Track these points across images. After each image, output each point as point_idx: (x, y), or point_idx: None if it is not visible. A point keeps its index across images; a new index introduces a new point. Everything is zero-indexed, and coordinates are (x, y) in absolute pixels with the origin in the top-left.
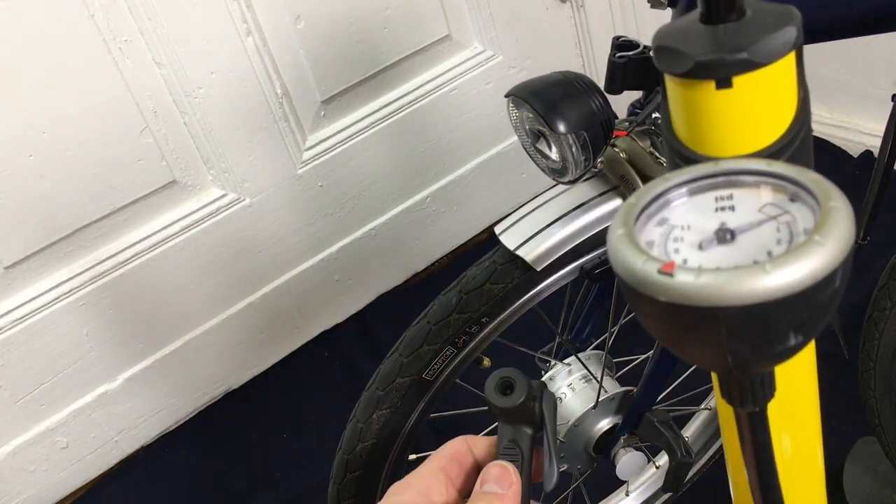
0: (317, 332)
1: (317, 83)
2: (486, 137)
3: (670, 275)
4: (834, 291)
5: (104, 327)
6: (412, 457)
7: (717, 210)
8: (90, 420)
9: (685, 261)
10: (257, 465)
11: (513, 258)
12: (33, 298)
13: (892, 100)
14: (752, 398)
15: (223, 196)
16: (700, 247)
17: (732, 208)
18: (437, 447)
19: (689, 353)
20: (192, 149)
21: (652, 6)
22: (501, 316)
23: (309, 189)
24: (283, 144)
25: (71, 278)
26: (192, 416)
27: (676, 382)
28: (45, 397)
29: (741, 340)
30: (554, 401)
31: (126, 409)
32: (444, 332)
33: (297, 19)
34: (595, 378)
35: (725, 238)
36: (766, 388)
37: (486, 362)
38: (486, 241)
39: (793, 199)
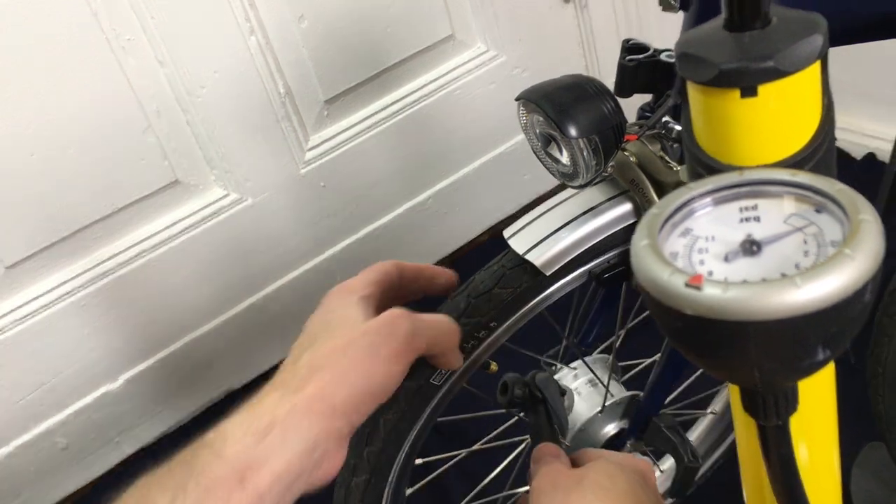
0: None
1: (320, 83)
2: (489, 138)
3: (698, 288)
4: (864, 305)
5: (105, 328)
6: (419, 461)
7: (741, 221)
8: (91, 421)
9: (710, 273)
10: None
11: (521, 263)
12: (34, 299)
13: None
14: (775, 412)
15: (225, 196)
16: (726, 258)
17: (757, 219)
18: (443, 451)
19: (715, 366)
20: (195, 148)
21: (664, 9)
22: (510, 321)
23: (311, 189)
24: (285, 144)
25: (72, 278)
26: (193, 416)
27: (682, 388)
28: (45, 398)
29: (770, 355)
30: (548, 378)
31: (127, 410)
32: None
33: (300, 18)
34: (601, 382)
35: (751, 250)
36: (790, 403)
37: (494, 367)
38: (489, 242)
39: (819, 210)
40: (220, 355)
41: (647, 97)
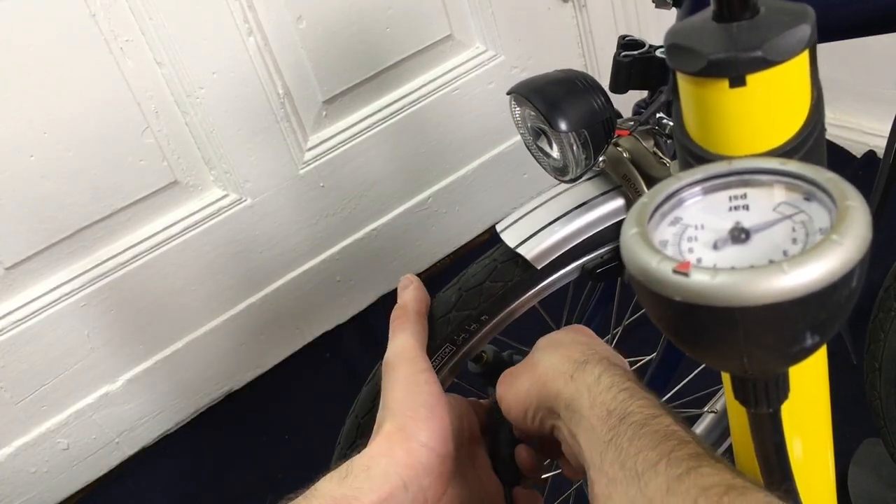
0: (318, 332)
1: (318, 83)
2: (487, 137)
3: (686, 274)
4: (851, 291)
5: (105, 328)
6: None
7: (730, 209)
8: (91, 421)
9: (699, 260)
10: (259, 467)
11: (513, 256)
12: (34, 299)
13: None
14: (766, 400)
15: (224, 196)
16: (714, 246)
17: (746, 207)
18: None
19: (704, 353)
20: (194, 149)
21: (657, 6)
22: (501, 314)
23: (310, 189)
24: (284, 145)
25: (72, 279)
26: (193, 417)
27: (681, 385)
28: (45, 398)
29: (758, 341)
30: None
31: (127, 411)
32: (443, 329)
33: (298, 19)
34: None
35: (740, 237)
36: (781, 390)
37: (486, 358)
38: (488, 241)
39: (807, 198)
40: (219, 355)
41: (643, 93)
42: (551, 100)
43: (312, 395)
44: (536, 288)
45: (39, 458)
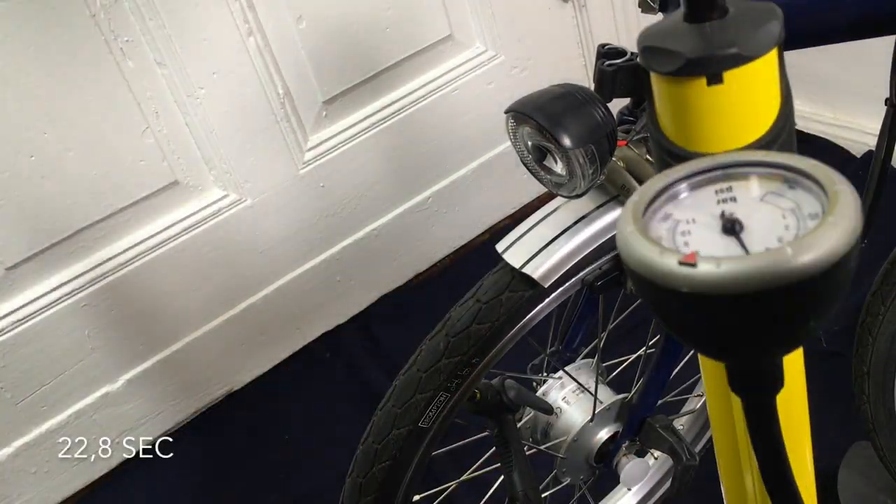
0: (318, 332)
1: (318, 83)
2: (487, 137)
3: (693, 265)
4: (849, 270)
5: (105, 328)
6: (416, 497)
7: (718, 202)
8: (91, 421)
9: (697, 253)
10: (259, 467)
11: (497, 296)
12: (35, 300)
13: (885, 104)
14: (763, 388)
15: (225, 197)
16: (709, 239)
17: (734, 199)
18: (437, 484)
19: (709, 344)
20: (194, 149)
21: (643, 11)
22: (491, 353)
23: (310, 189)
24: (284, 145)
25: (72, 279)
26: (193, 417)
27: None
28: (46, 399)
29: (765, 326)
30: (514, 384)
31: (127, 411)
32: (436, 378)
33: (298, 19)
34: (588, 391)
35: (733, 229)
36: (777, 377)
37: (479, 396)
38: (489, 240)
39: (791, 186)
40: (219, 355)
41: (626, 101)
42: (554, 117)
43: (312, 394)
44: (537, 308)
45: (40, 458)
